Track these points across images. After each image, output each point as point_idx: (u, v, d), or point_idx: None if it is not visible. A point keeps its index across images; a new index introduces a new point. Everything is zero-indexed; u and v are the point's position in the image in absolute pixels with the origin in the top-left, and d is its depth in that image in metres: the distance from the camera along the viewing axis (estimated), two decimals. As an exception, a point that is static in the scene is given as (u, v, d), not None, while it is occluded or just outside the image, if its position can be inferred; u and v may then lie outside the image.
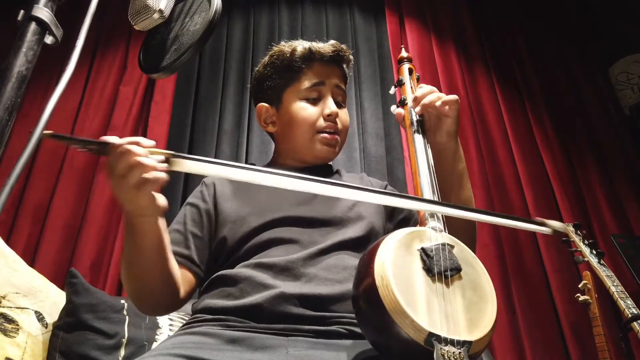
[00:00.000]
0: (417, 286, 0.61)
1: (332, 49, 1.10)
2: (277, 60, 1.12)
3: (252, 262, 0.88)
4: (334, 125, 1.08)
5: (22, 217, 1.96)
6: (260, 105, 1.15)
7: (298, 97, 1.08)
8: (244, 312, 0.80)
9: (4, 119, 0.45)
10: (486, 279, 0.67)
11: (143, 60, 0.81)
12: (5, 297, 1.15)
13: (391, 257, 0.62)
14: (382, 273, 0.60)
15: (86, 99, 2.25)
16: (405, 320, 0.56)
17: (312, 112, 1.07)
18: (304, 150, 1.09)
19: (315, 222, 0.95)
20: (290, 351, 0.72)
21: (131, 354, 1.22)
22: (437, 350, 0.55)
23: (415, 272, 0.63)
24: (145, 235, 0.78)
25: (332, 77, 1.11)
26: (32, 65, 0.50)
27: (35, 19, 0.52)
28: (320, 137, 1.07)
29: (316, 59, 1.10)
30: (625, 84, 2.56)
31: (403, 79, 1.05)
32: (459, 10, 2.68)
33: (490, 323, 0.62)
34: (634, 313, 1.43)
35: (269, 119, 1.14)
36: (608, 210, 2.17)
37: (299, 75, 1.09)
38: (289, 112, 1.09)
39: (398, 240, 0.65)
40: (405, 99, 0.98)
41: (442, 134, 0.92)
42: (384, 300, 0.57)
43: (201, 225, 0.99)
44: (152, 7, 0.73)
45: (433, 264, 0.63)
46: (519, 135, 2.33)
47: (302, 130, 1.07)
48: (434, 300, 0.60)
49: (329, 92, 1.10)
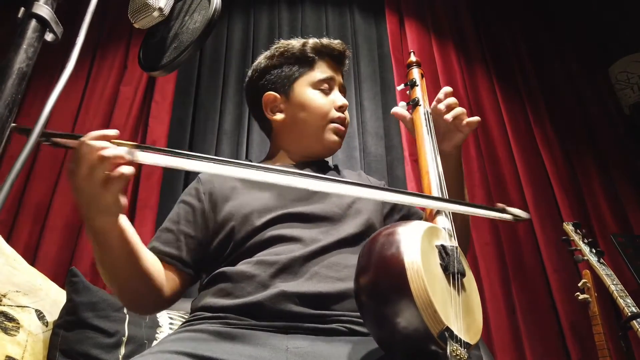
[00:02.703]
0: (438, 280, 0.61)
1: (342, 47, 1.15)
2: (286, 52, 1.14)
3: (254, 259, 0.88)
4: (344, 117, 1.12)
5: (23, 216, 1.96)
6: (268, 94, 1.13)
7: (311, 86, 1.11)
8: (244, 311, 0.80)
9: (5, 115, 0.46)
10: (476, 290, 0.69)
11: (143, 58, 0.81)
12: (6, 295, 1.15)
13: (419, 246, 0.60)
14: (413, 259, 0.58)
15: (86, 99, 2.26)
16: (429, 309, 0.55)
17: (326, 101, 1.10)
18: (313, 137, 1.10)
19: (315, 219, 0.95)
20: (290, 348, 0.72)
21: (131, 352, 1.22)
22: (449, 345, 0.55)
23: (437, 267, 0.63)
24: (108, 235, 0.76)
25: (339, 75, 1.16)
26: (32, 62, 0.50)
27: (36, 16, 0.52)
28: (333, 127, 1.10)
29: (326, 53, 1.14)
30: (625, 84, 2.57)
31: (416, 81, 1.07)
32: (458, 10, 2.68)
33: (479, 332, 0.64)
34: (633, 312, 1.43)
35: (276, 107, 1.14)
36: (608, 209, 2.17)
37: (312, 66, 1.13)
38: (302, 100, 1.10)
39: (423, 231, 0.64)
40: (418, 100, 1.00)
41: (450, 145, 0.96)
42: (412, 285, 0.56)
43: (195, 225, 0.98)
44: (151, 5, 0.73)
45: (450, 263, 0.64)
46: (518, 135, 2.34)
47: (315, 117, 1.09)
48: (448, 298, 0.60)
49: (337, 87, 1.14)
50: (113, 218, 0.74)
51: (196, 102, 2.37)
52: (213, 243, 0.96)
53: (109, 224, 0.75)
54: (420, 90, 1.03)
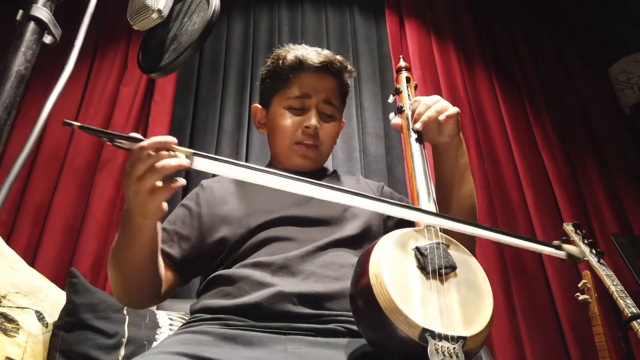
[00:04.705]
0: (411, 284, 0.62)
1: (321, 60, 1.10)
2: (271, 65, 1.14)
3: (250, 261, 0.89)
4: (312, 137, 1.08)
5: (23, 218, 1.96)
6: (255, 106, 1.19)
7: (283, 105, 1.10)
8: (243, 311, 0.81)
9: (3, 117, 0.46)
10: (483, 277, 0.68)
11: (142, 59, 0.81)
12: (6, 296, 1.15)
13: (385, 256, 0.63)
14: (377, 272, 0.61)
15: (86, 99, 2.26)
16: (399, 317, 0.57)
17: (292, 122, 1.09)
18: (282, 156, 1.12)
19: (311, 222, 0.95)
20: (289, 349, 0.72)
21: (131, 354, 1.22)
22: (431, 345, 0.55)
23: (410, 271, 0.64)
24: (141, 234, 0.79)
25: (321, 91, 1.10)
26: (30, 64, 0.50)
27: (34, 18, 0.52)
28: (297, 148, 1.08)
29: (304, 68, 1.10)
30: (625, 84, 2.56)
31: (400, 88, 1.07)
32: (458, 10, 2.68)
33: (486, 320, 0.62)
34: (633, 312, 1.43)
35: (262, 120, 1.18)
36: (608, 209, 2.17)
37: (287, 84, 1.10)
38: (273, 119, 1.12)
39: (393, 240, 0.67)
40: (403, 107, 1.00)
41: (445, 136, 0.94)
42: (378, 298, 0.58)
43: (190, 227, 1.00)
44: (150, 6, 0.73)
45: (427, 262, 0.64)
46: (519, 135, 2.33)
47: (281, 137, 1.10)
48: (428, 298, 0.61)
49: (314, 105, 1.09)
50: (151, 222, 0.78)
51: (196, 102, 2.38)
52: (207, 246, 0.97)
53: (145, 226, 0.78)
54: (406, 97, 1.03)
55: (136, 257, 0.83)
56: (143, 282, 0.88)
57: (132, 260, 0.83)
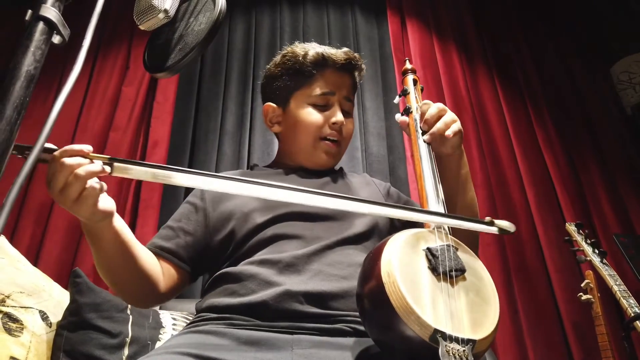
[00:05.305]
0: (422, 284, 0.61)
1: (345, 57, 1.10)
2: (288, 62, 1.12)
3: (257, 258, 0.88)
4: (338, 133, 1.09)
5: (25, 217, 1.96)
6: (268, 105, 1.15)
7: (307, 101, 1.09)
8: (249, 310, 0.80)
9: (13, 117, 0.46)
10: (489, 282, 0.68)
11: (148, 59, 0.81)
12: (10, 296, 1.15)
13: (398, 255, 0.63)
14: (389, 270, 0.60)
15: (88, 100, 2.26)
16: (411, 316, 0.56)
17: (319, 118, 1.08)
18: (304, 154, 1.10)
19: (318, 217, 0.95)
20: (295, 349, 0.72)
21: (135, 353, 1.22)
22: (442, 346, 0.55)
23: (421, 271, 0.64)
24: (101, 238, 0.80)
25: (343, 88, 1.11)
26: (40, 64, 0.50)
27: (43, 18, 0.51)
28: (323, 144, 1.08)
29: (328, 65, 1.09)
30: (627, 84, 2.56)
31: (408, 89, 1.07)
32: (460, 10, 2.68)
33: (493, 324, 0.62)
34: (636, 312, 1.43)
35: (275, 119, 1.15)
36: (610, 209, 2.17)
37: (310, 81, 1.09)
38: (295, 115, 1.09)
39: (404, 240, 0.66)
40: (410, 108, 1.01)
41: (448, 148, 0.94)
42: (391, 297, 0.58)
43: (195, 223, 1.00)
44: (157, 7, 0.73)
45: (438, 264, 0.64)
46: (520, 135, 2.34)
47: (306, 134, 1.08)
48: (439, 299, 0.61)
49: (337, 102, 1.10)
50: (100, 224, 0.77)
51: (198, 102, 2.37)
52: (214, 242, 0.97)
53: (99, 229, 0.78)
54: (413, 98, 1.03)
55: (109, 259, 0.84)
56: (128, 281, 0.89)
57: (107, 263, 0.85)
